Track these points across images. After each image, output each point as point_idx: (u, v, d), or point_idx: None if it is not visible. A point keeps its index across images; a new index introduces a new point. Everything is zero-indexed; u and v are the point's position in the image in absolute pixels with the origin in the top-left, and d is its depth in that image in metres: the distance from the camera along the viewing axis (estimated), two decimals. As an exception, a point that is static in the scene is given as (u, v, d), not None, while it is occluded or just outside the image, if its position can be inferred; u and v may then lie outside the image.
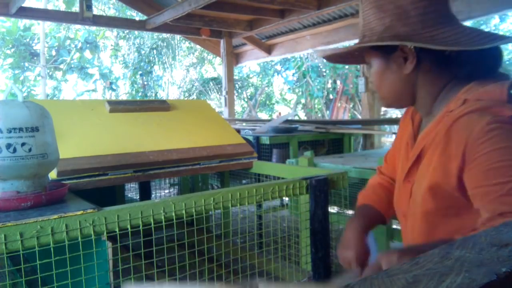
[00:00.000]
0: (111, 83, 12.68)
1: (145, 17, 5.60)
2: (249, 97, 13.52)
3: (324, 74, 9.89)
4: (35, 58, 11.92)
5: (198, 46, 10.03)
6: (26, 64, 11.91)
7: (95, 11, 5.79)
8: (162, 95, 12.96)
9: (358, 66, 6.41)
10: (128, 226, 1.03)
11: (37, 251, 0.91)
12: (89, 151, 1.52)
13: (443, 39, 0.81)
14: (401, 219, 1.01)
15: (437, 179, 0.83)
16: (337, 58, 1.04)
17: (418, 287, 0.35)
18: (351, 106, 9.11)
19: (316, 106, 10.20)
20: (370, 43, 0.85)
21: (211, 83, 12.58)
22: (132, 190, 3.22)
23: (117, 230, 1.02)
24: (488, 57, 0.85)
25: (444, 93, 0.88)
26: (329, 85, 9.72)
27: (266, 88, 13.46)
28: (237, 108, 12.81)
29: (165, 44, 12.06)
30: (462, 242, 0.46)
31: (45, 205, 1.06)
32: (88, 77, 12.64)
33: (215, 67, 13.79)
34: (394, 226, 1.97)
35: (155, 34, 11.37)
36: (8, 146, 1.02)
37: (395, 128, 5.56)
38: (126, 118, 1.81)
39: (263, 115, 12.71)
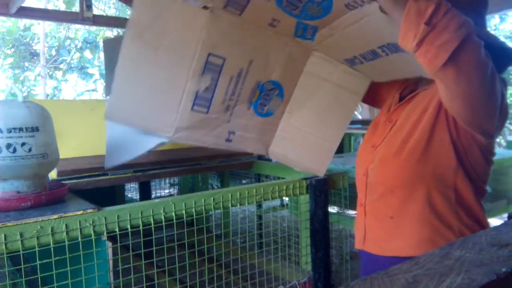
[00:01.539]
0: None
1: (145, 17, 5.59)
2: (249, 97, 13.51)
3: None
4: (35, 58, 11.92)
5: (198, 46, 10.02)
6: (26, 64, 11.91)
7: (95, 11, 5.79)
8: (162, 95, 12.93)
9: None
10: (128, 226, 1.03)
11: (37, 251, 0.91)
12: (89, 151, 1.52)
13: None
14: (360, 178, 1.18)
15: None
16: None
17: (418, 287, 0.35)
18: (351, 106, 9.09)
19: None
20: None
21: (211, 83, 12.56)
22: (132, 190, 3.22)
23: (117, 230, 1.02)
24: (495, 60, 0.91)
25: None
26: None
27: (266, 88, 13.44)
28: (237, 108, 12.78)
29: (165, 44, 12.03)
30: (462, 242, 0.46)
31: (45, 205, 1.06)
32: (88, 77, 12.64)
33: (215, 67, 13.77)
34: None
35: (155, 34, 11.34)
36: (8, 146, 1.02)
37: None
38: (126, 118, 1.81)
39: (263, 115, 12.68)
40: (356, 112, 8.85)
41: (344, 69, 1.31)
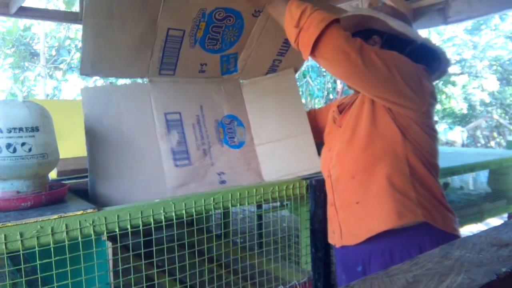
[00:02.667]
0: (111, 83, 12.65)
1: (145, 17, 5.58)
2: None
3: (324, 74, 9.89)
4: (35, 58, 11.91)
5: (198, 46, 10.00)
6: (26, 64, 11.90)
7: (95, 11, 5.76)
8: (162, 95, 12.93)
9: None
10: (128, 226, 1.03)
11: (37, 251, 0.91)
12: (89, 151, 1.51)
13: (398, 26, 1.15)
14: (326, 181, 1.29)
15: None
16: None
17: (418, 287, 0.35)
18: (351, 106, 9.10)
19: (316, 106, 10.21)
20: (362, 11, 1.23)
21: (211, 83, 12.55)
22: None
23: (117, 230, 1.02)
24: (426, 60, 1.19)
25: None
26: (329, 85, 9.72)
27: (266, 88, 13.42)
28: (237, 108, 12.76)
29: (165, 44, 12.01)
30: (462, 242, 0.46)
31: (45, 205, 1.06)
32: (88, 77, 12.62)
33: (215, 67, 13.75)
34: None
35: (155, 34, 11.33)
36: (8, 146, 1.02)
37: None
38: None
39: (263, 115, 12.66)
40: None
41: (270, 79, 1.54)
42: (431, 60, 1.23)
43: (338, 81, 9.59)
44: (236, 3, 1.25)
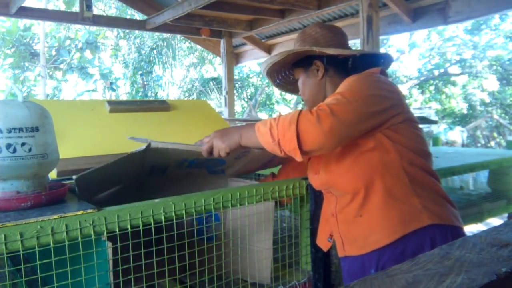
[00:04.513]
0: (111, 83, 12.66)
1: (145, 17, 5.60)
2: (249, 97, 13.52)
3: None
4: (35, 58, 11.92)
5: (198, 46, 10.03)
6: (26, 64, 11.90)
7: (95, 11, 5.78)
8: (162, 95, 12.96)
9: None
10: (128, 226, 1.03)
11: (37, 251, 0.91)
12: (89, 151, 1.52)
13: (335, 50, 1.24)
14: (325, 195, 1.32)
15: None
16: (279, 85, 1.52)
17: (418, 287, 0.35)
18: (351, 106, 9.10)
19: (316, 106, 10.19)
20: (295, 50, 1.29)
21: (211, 83, 12.57)
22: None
23: (117, 230, 1.02)
24: (372, 64, 1.26)
25: None
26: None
27: (266, 88, 13.45)
28: (237, 108, 12.81)
29: (165, 44, 12.03)
30: (462, 242, 0.46)
31: (45, 205, 1.06)
32: (88, 77, 12.63)
33: (215, 67, 13.78)
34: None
35: (156, 34, 11.36)
36: (8, 146, 1.02)
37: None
38: (126, 118, 1.81)
39: (263, 115, 12.71)
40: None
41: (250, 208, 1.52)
42: (379, 60, 1.30)
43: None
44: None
